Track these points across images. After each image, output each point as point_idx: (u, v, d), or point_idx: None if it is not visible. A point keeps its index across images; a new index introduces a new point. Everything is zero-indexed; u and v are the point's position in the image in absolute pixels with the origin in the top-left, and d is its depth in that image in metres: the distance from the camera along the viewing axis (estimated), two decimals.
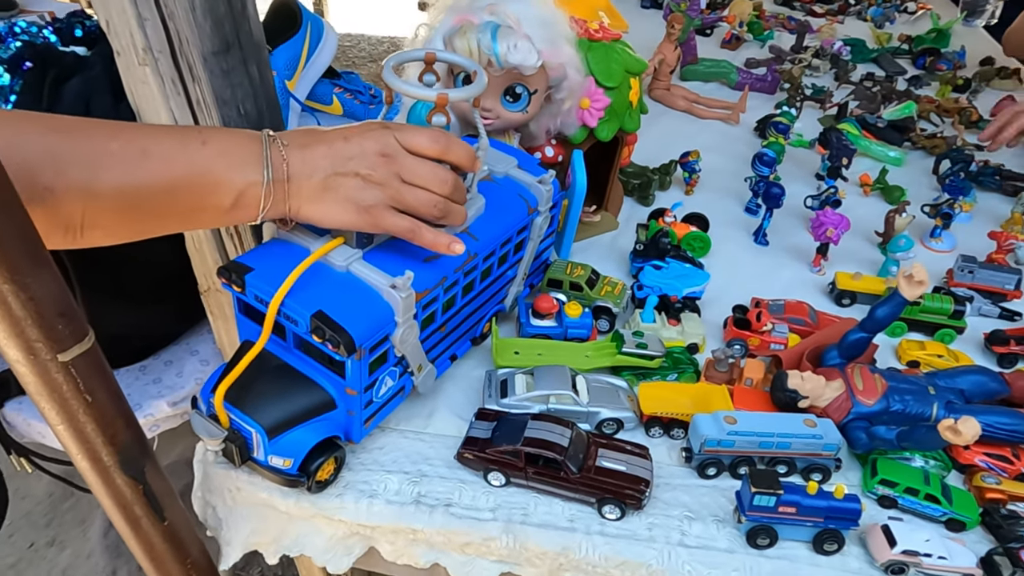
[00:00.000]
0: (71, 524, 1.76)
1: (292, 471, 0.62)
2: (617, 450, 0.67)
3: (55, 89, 0.68)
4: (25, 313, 0.47)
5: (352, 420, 0.65)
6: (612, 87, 0.93)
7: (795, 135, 1.37)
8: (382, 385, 0.66)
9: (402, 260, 0.64)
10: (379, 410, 0.68)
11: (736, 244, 1.10)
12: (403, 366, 0.67)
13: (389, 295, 0.60)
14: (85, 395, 0.53)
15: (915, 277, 0.68)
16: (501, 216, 0.73)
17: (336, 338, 0.56)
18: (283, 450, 0.61)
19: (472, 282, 0.73)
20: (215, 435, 0.60)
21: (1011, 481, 0.69)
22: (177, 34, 0.64)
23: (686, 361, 0.81)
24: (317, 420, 0.62)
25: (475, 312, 0.78)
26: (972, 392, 0.74)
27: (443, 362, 0.76)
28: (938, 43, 1.84)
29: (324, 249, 0.61)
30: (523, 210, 0.76)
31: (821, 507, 0.61)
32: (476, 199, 0.72)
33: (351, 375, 0.60)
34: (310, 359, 0.63)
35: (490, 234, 0.71)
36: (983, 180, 1.23)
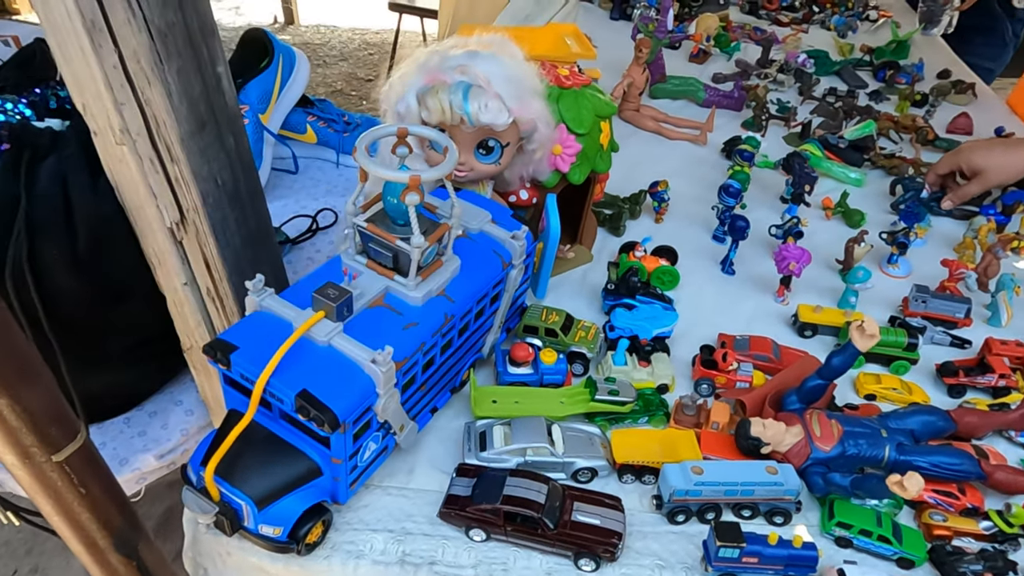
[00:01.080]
0: (52, 553, 1.76)
1: (282, 538, 0.64)
2: (592, 503, 0.71)
3: (31, 169, 0.69)
4: (20, 423, 0.49)
5: (338, 484, 0.67)
6: (583, 133, 0.96)
7: (761, 156, 1.41)
8: (366, 450, 0.68)
9: (381, 331, 0.66)
10: (364, 471, 0.71)
11: (704, 274, 1.14)
12: (385, 429, 0.70)
13: (370, 369, 0.62)
14: (79, 488, 0.56)
15: (867, 331, 0.73)
16: (476, 274, 0.76)
17: (321, 417, 0.58)
18: (273, 519, 0.63)
19: (450, 341, 0.75)
20: (207, 511, 0.62)
21: (957, 517, 0.75)
22: (154, 117, 0.66)
23: (656, 404, 0.85)
24: (305, 488, 0.64)
25: (454, 366, 0.81)
26: (921, 432, 0.79)
27: (424, 416, 0.79)
28: (897, 55, 1.89)
29: (306, 325, 0.63)
30: (498, 265, 0.79)
31: (782, 555, 0.65)
32: (451, 260, 0.74)
33: (336, 447, 0.63)
34: (295, 429, 0.65)
35: (465, 294, 0.74)
36: (934, 205, 1.28)
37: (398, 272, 0.71)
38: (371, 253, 0.72)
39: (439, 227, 0.71)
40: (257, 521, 0.63)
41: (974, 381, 0.92)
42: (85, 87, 0.64)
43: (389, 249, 0.69)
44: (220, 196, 0.74)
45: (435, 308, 0.70)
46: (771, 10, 2.22)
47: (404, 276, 0.70)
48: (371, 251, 0.72)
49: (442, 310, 0.70)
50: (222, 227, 0.75)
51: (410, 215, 0.66)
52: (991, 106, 1.75)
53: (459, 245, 0.78)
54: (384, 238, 0.69)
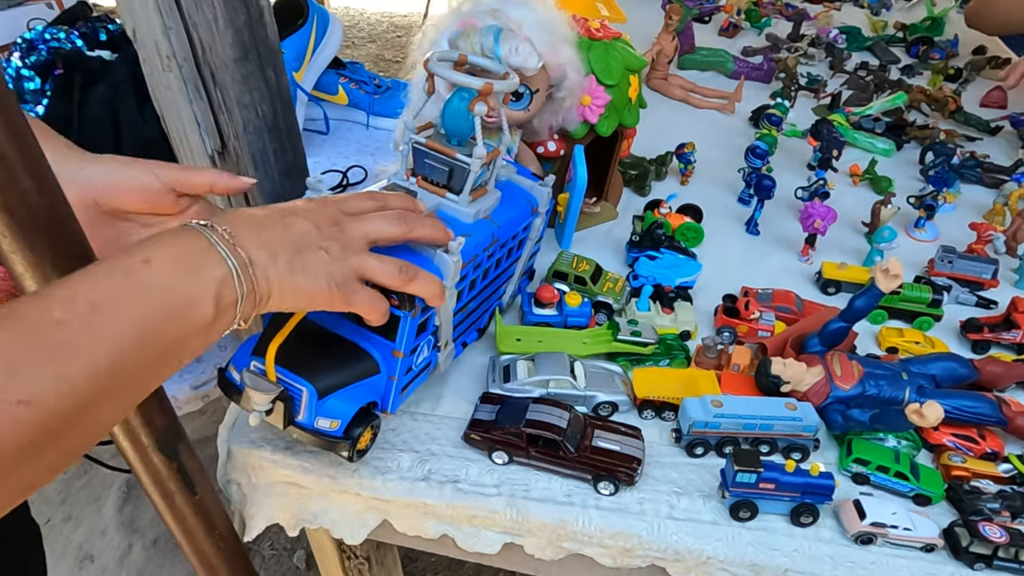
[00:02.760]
0: (85, 501, 1.83)
1: (338, 433, 0.63)
2: (612, 431, 0.73)
3: (84, 93, 0.72)
4: None
5: (391, 387, 0.67)
6: (612, 84, 0.97)
7: (789, 125, 1.41)
8: (420, 353, 0.69)
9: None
10: (412, 380, 0.71)
11: (728, 234, 1.14)
12: (436, 338, 0.71)
13: (440, 259, 0.62)
14: None
15: (891, 271, 0.73)
16: (512, 210, 0.77)
17: (401, 294, 0.58)
18: (330, 411, 0.62)
19: (487, 270, 0.76)
20: (269, 391, 0.60)
21: (976, 460, 0.75)
22: (200, 42, 0.68)
23: (678, 348, 0.86)
24: (362, 383, 0.63)
25: (484, 302, 0.82)
26: (943, 377, 0.79)
27: (457, 346, 0.80)
28: (932, 31, 1.86)
29: None
30: (527, 209, 0.80)
31: (798, 483, 0.66)
32: (493, 192, 0.75)
33: (402, 334, 0.62)
34: (352, 325, 0.65)
35: (507, 222, 0.75)
36: (965, 172, 1.27)
37: (450, 190, 0.70)
38: (425, 170, 0.71)
39: (492, 151, 0.70)
40: (315, 413, 0.61)
41: (999, 337, 0.92)
42: (136, 12, 0.67)
43: (446, 164, 0.69)
44: (260, 126, 0.77)
45: (483, 228, 0.71)
46: None
47: (457, 194, 0.70)
48: (425, 168, 0.71)
49: (489, 230, 0.71)
50: (262, 157, 0.77)
51: (475, 125, 0.66)
52: None
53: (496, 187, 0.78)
54: (443, 152, 0.68)
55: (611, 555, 0.69)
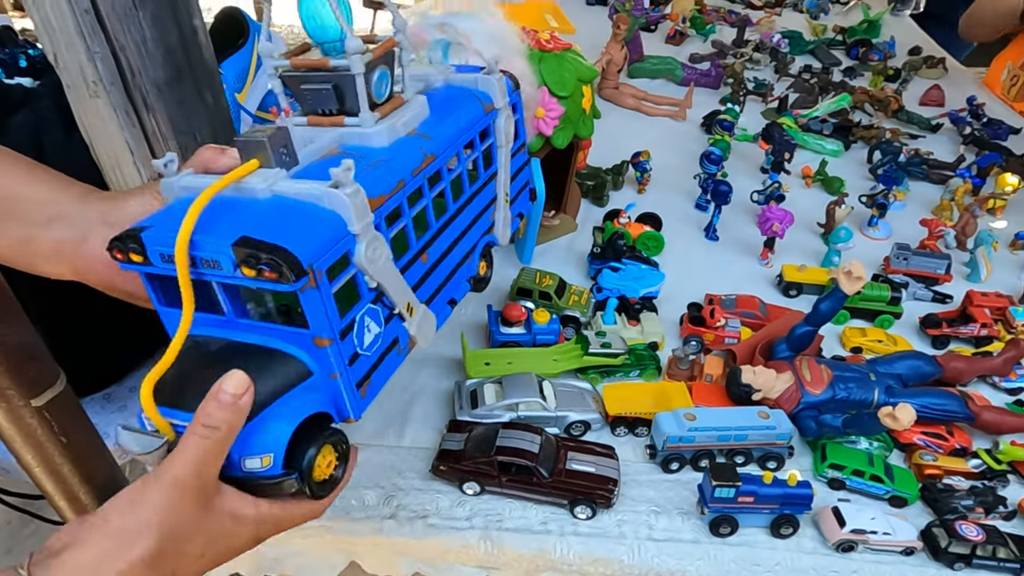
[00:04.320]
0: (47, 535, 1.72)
1: (276, 470, 0.45)
2: (585, 452, 0.70)
3: (3, 124, 0.67)
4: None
5: (338, 386, 0.49)
6: (565, 96, 0.95)
7: (740, 130, 1.42)
8: (365, 331, 0.51)
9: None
10: (374, 368, 0.52)
11: (688, 240, 1.14)
12: (386, 305, 0.53)
13: (333, 199, 0.45)
14: (60, 437, 0.54)
15: (853, 273, 0.73)
16: (451, 115, 0.62)
17: (274, 260, 0.41)
18: (257, 445, 0.44)
19: (443, 195, 0.60)
20: (150, 445, 0.44)
21: (946, 457, 0.75)
22: (128, 66, 0.64)
23: (648, 358, 0.85)
24: (292, 395, 0.46)
25: (460, 239, 0.64)
26: (909, 376, 0.79)
27: (441, 307, 0.62)
28: (869, 34, 1.92)
29: (234, 175, 0.46)
30: (477, 108, 0.64)
31: (776, 495, 0.65)
32: (416, 101, 0.59)
33: (312, 313, 0.45)
34: (263, 324, 0.48)
35: (445, 133, 0.59)
36: (912, 169, 1.30)
37: (347, 114, 0.54)
38: (308, 102, 0.55)
39: (383, 43, 0.55)
40: (236, 453, 0.44)
41: (957, 331, 0.93)
42: (56, 36, 0.62)
43: (326, 80, 0.53)
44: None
45: (407, 146, 0.56)
46: None
47: (355, 115, 0.54)
48: (307, 98, 0.55)
49: (417, 146, 0.56)
50: None
51: (331, 9, 0.50)
52: (961, 79, 1.78)
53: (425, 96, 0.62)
54: (313, 67, 0.53)
55: None
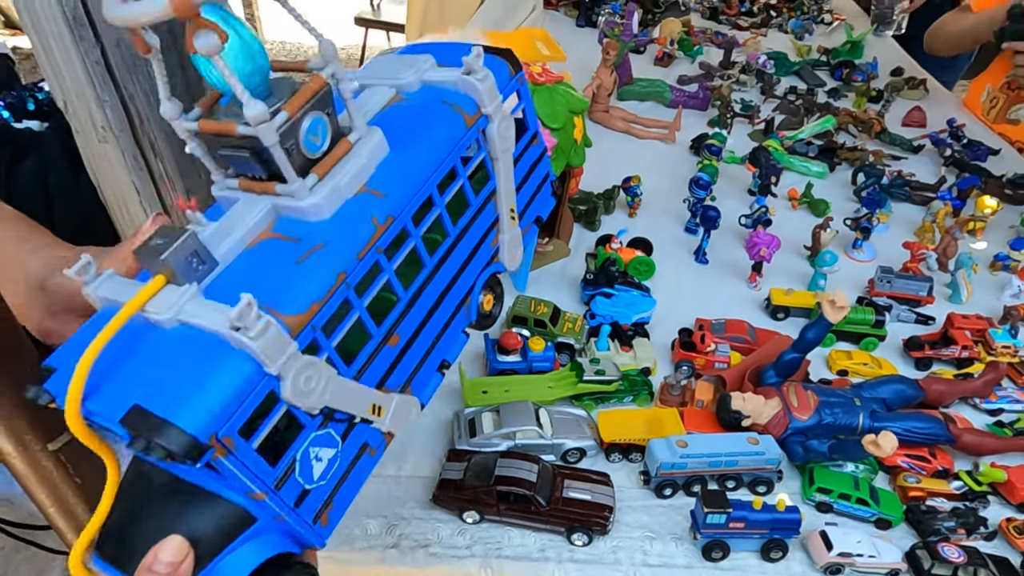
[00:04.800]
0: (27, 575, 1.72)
1: None
2: (582, 480, 0.73)
3: (12, 166, 0.69)
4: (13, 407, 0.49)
5: (294, 522, 0.44)
6: (557, 128, 0.98)
7: (728, 152, 1.46)
8: (312, 463, 0.44)
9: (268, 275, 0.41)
10: (335, 491, 0.47)
11: (678, 264, 1.17)
12: (342, 422, 0.45)
13: (238, 341, 0.37)
14: (75, 479, 0.56)
15: (837, 303, 0.76)
16: (419, 145, 0.49)
17: (164, 444, 0.35)
18: None
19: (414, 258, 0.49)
20: None
21: (929, 479, 0.78)
22: (137, 113, 0.66)
23: (641, 383, 0.87)
24: (238, 543, 0.42)
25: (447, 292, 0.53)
26: (892, 400, 0.82)
27: (427, 378, 0.53)
28: (852, 55, 1.97)
29: (136, 302, 0.38)
30: (456, 123, 0.50)
31: (766, 520, 0.68)
32: (369, 137, 0.47)
33: (232, 476, 0.39)
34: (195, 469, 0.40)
35: (407, 179, 0.47)
36: (894, 191, 1.34)
37: (278, 179, 0.43)
38: (234, 165, 0.45)
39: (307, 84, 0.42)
40: None
41: (939, 353, 0.96)
42: (67, 84, 0.64)
43: (241, 145, 0.42)
44: (204, 193, 0.74)
45: (354, 214, 0.44)
46: (730, 15, 2.29)
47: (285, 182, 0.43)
48: (232, 162, 0.45)
49: (367, 213, 0.45)
50: None
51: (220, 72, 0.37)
52: (942, 100, 1.83)
53: (389, 115, 0.50)
54: (223, 131, 0.41)
55: None
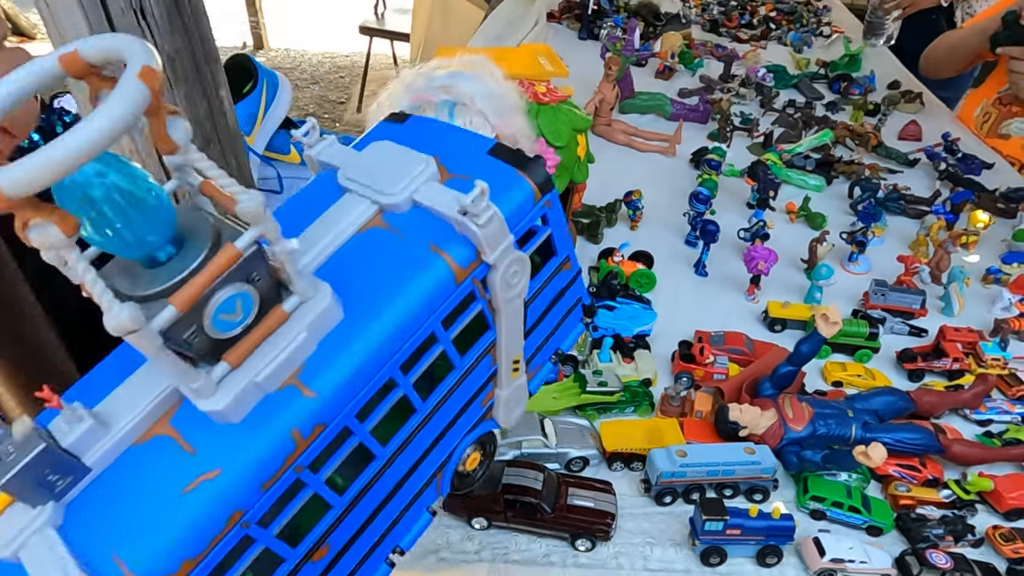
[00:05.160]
0: None
1: None
2: (585, 488, 0.76)
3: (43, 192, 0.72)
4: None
5: None
6: (561, 146, 1.02)
7: (727, 166, 1.49)
8: None
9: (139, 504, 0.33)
10: None
11: (679, 276, 1.20)
12: None
13: None
14: None
15: (830, 319, 0.79)
16: (383, 313, 0.37)
17: None
18: None
19: (363, 450, 0.39)
20: None
21: (919, 487, 0.81)
22: None
23: (642, 394, 0.91)
24: None
25: (415, 469, 0.45)
26: (884, 411, 0.85)
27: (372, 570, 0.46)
28: (850, 68, 2.00)
29: None
30: (441, 278, 0.39)
31: (761, 527, 0.71)
32: (317, 299, 0.36)
33: None
34: None
35: (353, 372, 0.36)
36: (890, 204, 1.37)
37: (197, 358, 0.34)
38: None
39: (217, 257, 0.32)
40: None
41: (931, 366, 0.99)
42: None
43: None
44: None
45: (270, 424, 0.34)
46: (731, 28, 2.33)
47: (206, 363, 0.34)
48: None
49: (288, 423, 0.35)
50: None
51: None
52: (938, 114, 1.86)
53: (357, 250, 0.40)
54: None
55: None
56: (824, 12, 2.49)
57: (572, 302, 0.52)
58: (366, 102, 3.95)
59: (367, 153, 0.44)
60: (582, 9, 2.18)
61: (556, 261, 0.48)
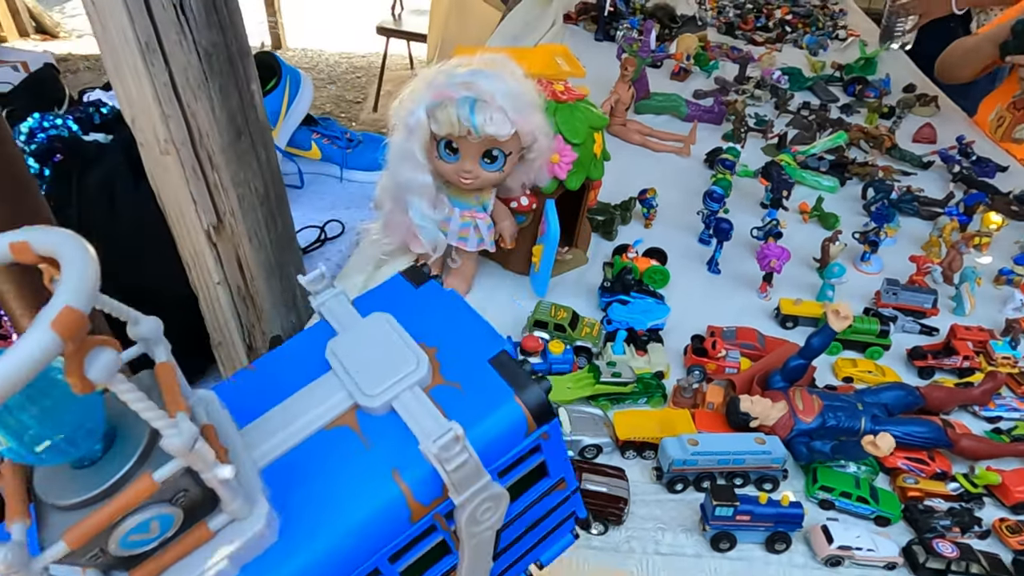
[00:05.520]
0: None
1: None
2: (599, 474, 0.78)
3: (82, 176, 0.76)
4: None
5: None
6: (578, 143, 1.04)
7: (741, 166, 1.51)
8: None
9: None
10: None
11: (692, 274, 1.22)
12: None
13: None
14: None
15: (840, 313, 0.81)
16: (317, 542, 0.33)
17: None
18: None
19: None
20: None
21: (927, 480, 0.82)
22: (198, 129, 0.73)
23: (655, 386, 0.93)
24: None
25: None
26: (894, 406, 0.87)
27: None
28: (866, 71, 2.01)
29: None
30: (393, 515, 0.34)
31: (771, 514, 0.72)
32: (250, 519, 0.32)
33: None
34: None
35: None
36: (903, 206, 1.38)
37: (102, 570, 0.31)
38: None
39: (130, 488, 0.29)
40: None
41: (941, 363, 1.01)
42: (135, 102, 0.71)
43: None
44: (254, 201, 0.81)
45: None
46: (746, 31, 2.35)
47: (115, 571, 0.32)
48: None
49: None
50: (255, 230, 0.81)
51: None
52: (953, 118, 1.87)
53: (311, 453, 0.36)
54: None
55: None
56: (840, 16, 2.50)
57: (562, 516, 0.46)
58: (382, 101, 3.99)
59: (364, 328, 0.39)
60: (598, 11, 2.20)
61: (548, 483, 0.42)
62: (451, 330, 0.40)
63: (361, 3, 5.04)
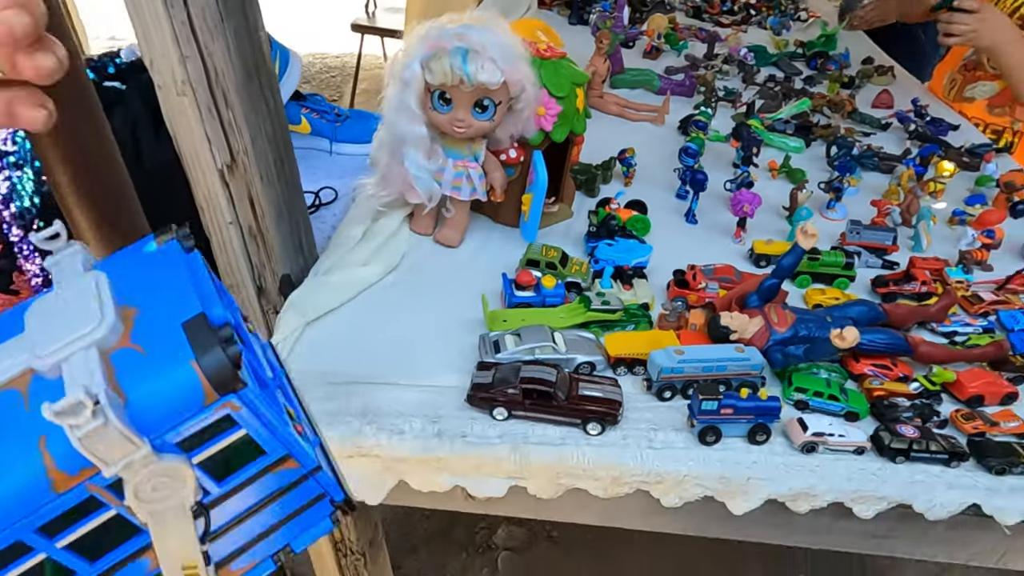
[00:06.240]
0: None
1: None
2: (593, 382, 0.84)
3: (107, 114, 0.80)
4: None
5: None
6: (562, 96, 1.11)
7: (712, 131, 1.59)
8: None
9: None
10: None
11: (671, 225, 1.29)
12: None
13: None
14: None
15: (807, 231, 0.89)
16: None
17: None
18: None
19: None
20: None
21: (891, 382, 0.90)
22: (214, 69, 0.78)
23: (641, 315, 1.00)
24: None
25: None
26: (860, 319, 0.95)
27: None
28: (827, 47, 2.12)
29: None
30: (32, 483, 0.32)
31: (751, 407, 0.80)
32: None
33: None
34: None
35: None
36: (864, 161, 1.48)
37: None
38: None
39: None
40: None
41: (901, 289, 1.09)
42: (154, 44, 0.76)
43: None
44: (264, 143, 0.86)
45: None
46: (713, 14, 2.45)
47: None
48: None
49: None
50: (266, 169, 0.87)
51: None
52: (908, 86, 1.98)
53: None
54: None
55: (603, 486, 0.80)
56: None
57: (307, 498, 0.43)
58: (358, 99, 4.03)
59: (69, 288, 0.36)
60: None
61: (266, 460, 0.39)
62: (164, 294, 0.36)
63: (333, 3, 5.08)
